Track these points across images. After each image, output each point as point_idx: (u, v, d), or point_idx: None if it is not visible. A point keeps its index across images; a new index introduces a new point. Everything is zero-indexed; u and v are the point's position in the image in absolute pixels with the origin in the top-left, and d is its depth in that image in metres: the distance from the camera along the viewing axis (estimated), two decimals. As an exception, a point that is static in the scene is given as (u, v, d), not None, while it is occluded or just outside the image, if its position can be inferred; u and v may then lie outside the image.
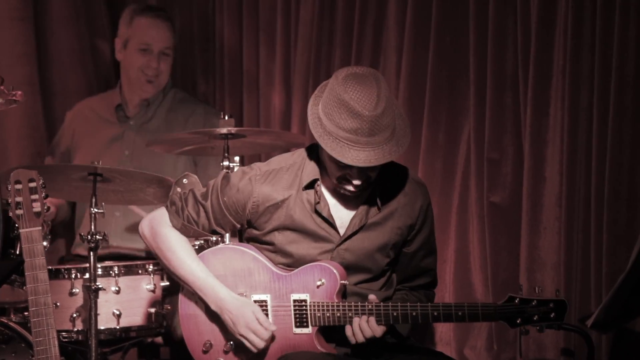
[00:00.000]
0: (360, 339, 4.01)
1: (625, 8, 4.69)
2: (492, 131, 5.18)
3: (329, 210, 4.11)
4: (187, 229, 4.20)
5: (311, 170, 4.11)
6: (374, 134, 3.91)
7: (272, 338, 4.07)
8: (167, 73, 5.87)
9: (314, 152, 4.14)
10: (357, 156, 3.91)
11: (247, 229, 4.21)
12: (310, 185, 4.10)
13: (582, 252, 4.88)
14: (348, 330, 4.02)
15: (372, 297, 4.05)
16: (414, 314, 3.99)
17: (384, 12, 5.57)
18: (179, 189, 4.31)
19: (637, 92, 4.70)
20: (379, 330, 4.01)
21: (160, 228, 4.22)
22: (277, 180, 4.12)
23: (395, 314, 3.99)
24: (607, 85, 4.75)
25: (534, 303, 3.94)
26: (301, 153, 4.18)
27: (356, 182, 3.99)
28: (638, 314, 4.45)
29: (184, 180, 4.40)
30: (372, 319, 3.99)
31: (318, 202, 4.09)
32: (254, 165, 4.18)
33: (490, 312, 3.98)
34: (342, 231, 4.12)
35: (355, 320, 4.00)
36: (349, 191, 4.04)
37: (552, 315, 3.93)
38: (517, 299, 3.95)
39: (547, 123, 5.00)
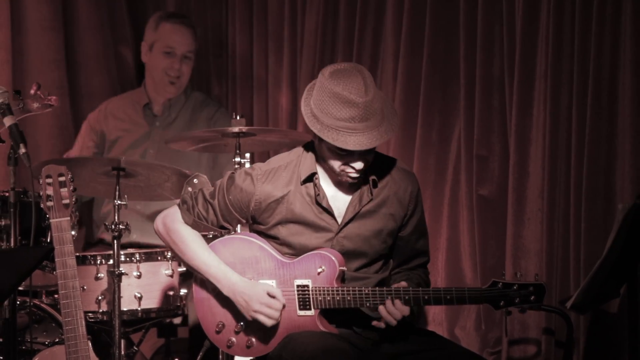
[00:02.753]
0: (393, 321, 4.01)
1: (601, 18, 4.69)
2: (480, 130, 5.19)
3: (327, 201, 4.12)
4: (197, 225, 4.21)
5: (308, 165, 4.13)
6: (368, 118, 3.94)
7: (284, 306, 4.09)
8: (188, 75, 5.88)
9: (310, 148, 4.15)
10: (359, 141, 3.93)
11: (253, 224, 4.23)
12: (309, 179, 4.12)
13: (562, 240, 4.89)
14: (381, 312, 4.02)
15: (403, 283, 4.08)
16: (407, 297, 4.01)
17: (381, 21, 5.58)
18: (189, 189, 4.32)
19: (611, 95, 4.70)
20: (406, 310, 4.02)
21: (173, 224, 4.23)
22: (276, 178, 4.13)
23: (389, 297, 4.02)
24: (585, 89, 4.76)
25: (515, 287, 3.96)
26: (297, 151, 4.19)
27: (358, 166, 4.01)
28: (613, 296, 4.47)
29: (195, 180, 4.40)
30: (398, 301, 4.01)
31: (318, 194, 4.11)
32: (255, 166, 4.19)
33: (475, 296, 4.01)
34: (339, 220, 4.13)
35: (382, 308, 4.01)
36: (352, 177, 4.05)
37: (532, 298, 3.95)
38: (500, 284, 3.97)
39: (530, 123, 5.00)
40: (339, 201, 4.15)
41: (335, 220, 4.14)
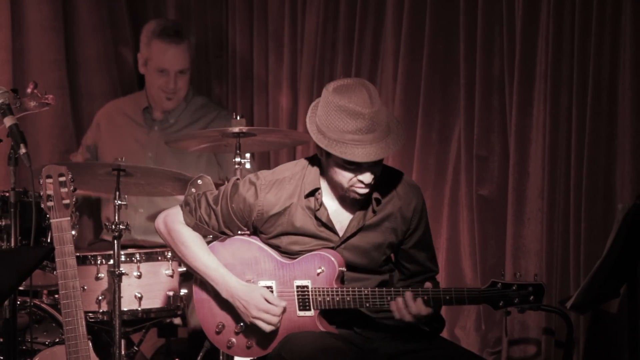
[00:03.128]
0: (406, 315, 3.99)
1: (601, 19, 4.69)
2: (480, 130, 5.19)
3: (327, 215, 4.10)
4: (198, 228, 4.20)
5: (312, 179, 4.09)
6: (374, 130, 3.91)
7: (283, 311, 4.08)
8: (186, 87, 5.85)
9: (315, 162, 4.12)
10: (366, 152, 3.90)
11: (254, 233, 4.21)
12: (311, 193, 4.09)
13: (562, 240, 4.89)
14: (393, 306, 3.99)
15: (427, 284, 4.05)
16: None
17: (381, 22, 5.58)
18: (193, 190, 4.31)
19: (611, 95, 4.70)
20: (424, 310, 3.99)
21: (175, 225, 4.22)
22: (280, 190, 4.11)
23: (389, 297, 4.01)
24: (585, 89, 4.76)
25: (514, 287, 3.94)
26: (302, 163, 4.16)
27: (367, 180, 3.97)
28: (612, 296, 4.46)
29: (199, 181, 4.40)
30: (419, 300, 3.98)
31: (318, 209, 4.09)
32: (260, 175, 4.16)
33: (475, 296, 3.99)
34: (341, 234, 4.12)
35: (399, 300, 3.99)
36: (360, 194, 4.01)
37: (531, 298, 3.94)
38: (499, 284, 3.95)
39: (530, 123, 5.00)
40: (341, 216, 4.13)
41: (336, 234, 4.12)
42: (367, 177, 3.98)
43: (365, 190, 4.01)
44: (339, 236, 4.12)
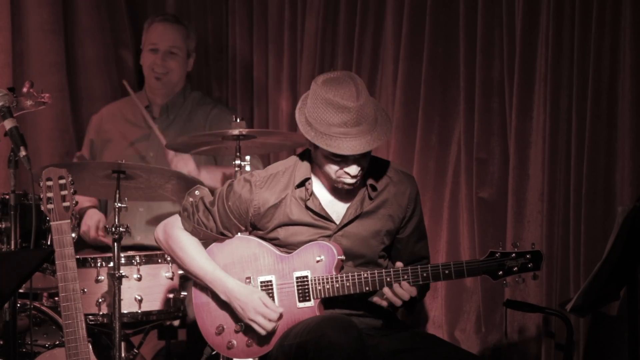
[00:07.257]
0: (398, 302, 4.04)
1: (600, 21, 4.70)
2: (480, 133, 5.19)
3: (319, 205, 4.15)
4: (197, 231, 4.24)
5: (303, 170, 4.17)
6: (360, 123, 3.97)
7: (279, 317, 4.11)
8: (177, 72, 5.84)
9: (306, 155, 4.20)
10: (352, 145, 3.97)
11: (253, 231, 4.25)
12: (302, 184, 4.15)
13: (562, 243, 4.89)
14: (387, 293, 4.04)
15: (398, 263, 4.09)
16: (406, 276, 4.04)
17: (381, 25, 5.58)
18: (191, 199, 4.35)
19: (611, 98, 4.71)
20: (413, 290, 4.03)
21: (173, 231, 4.27)
22: (274, 184, 4.18)
23: (388, 279, 4.05)
24: (585, 92, 4.76)
25: (513, 255, 4.01)
26: (294, 158, 4.25)
27: (354, 172, 4.04)
28: (612, 298, 4.47)
29: (196, 192, 4.42)
30: (404, 283, 4.02)
31: (308, 199, 4.14)
32: (254, 173, 4.25)
33: (474, 268, 4.03)
34: (338, 222, 4.16)
35: (387, 289, 4.03)
36: (348, 184, 4.08)
37: (529, 265, 4.01)
38: (498, 254, 4.01)
39: (530, 126, 5.00)
40: (337, 206, 4.19)
41: (332, 222, 4.17)
42: (353, 170, 4.05)
43: (352, 181, 4.08)
44: (336, 224, 4.16)
